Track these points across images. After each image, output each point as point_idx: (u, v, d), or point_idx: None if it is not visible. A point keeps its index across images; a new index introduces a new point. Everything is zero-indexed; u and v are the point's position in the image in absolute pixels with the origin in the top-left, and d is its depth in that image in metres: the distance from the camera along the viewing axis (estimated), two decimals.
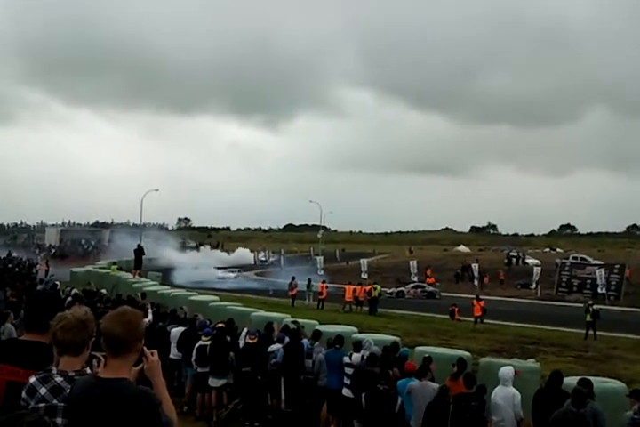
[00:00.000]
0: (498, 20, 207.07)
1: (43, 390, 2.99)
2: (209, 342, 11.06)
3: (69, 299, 14.62)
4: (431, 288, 43.93)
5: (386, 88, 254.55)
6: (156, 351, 3.15)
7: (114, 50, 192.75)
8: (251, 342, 10.95)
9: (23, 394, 3.02)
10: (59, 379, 3.03)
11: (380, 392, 7.79)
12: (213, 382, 10.89)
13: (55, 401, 2.97)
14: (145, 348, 3.06)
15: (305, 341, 11.40)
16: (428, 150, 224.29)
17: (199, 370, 11.09)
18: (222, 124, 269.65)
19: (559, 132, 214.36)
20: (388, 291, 41.18)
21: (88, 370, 3.13)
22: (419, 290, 43.08)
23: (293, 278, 34.72)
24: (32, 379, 3.04)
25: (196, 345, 11.12)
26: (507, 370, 8.67)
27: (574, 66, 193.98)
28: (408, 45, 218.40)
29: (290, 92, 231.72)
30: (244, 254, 76.17)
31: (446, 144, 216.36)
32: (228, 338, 11.43)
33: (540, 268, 48.79)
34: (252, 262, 71.71)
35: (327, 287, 33.15)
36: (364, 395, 7.95)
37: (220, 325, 12.00)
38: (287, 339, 11.36)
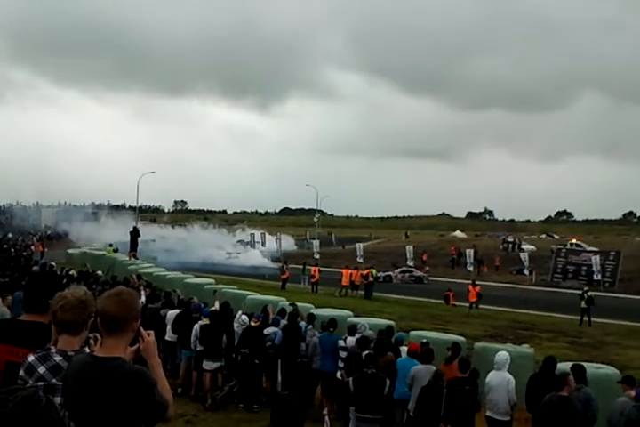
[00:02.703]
0: (490, 4, 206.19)
1: (42, 369, 2.98)
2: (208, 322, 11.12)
3: (64, 280, 14.60)
4: (419, 273, 43.82)
5: (377, 72, 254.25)
6: (152, 332, 3.15)
7: (102, 29, 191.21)
8: (254, 325, 11.00)
9: (21, 372, 3.01)
10: (58, 358, 3.02)
11: (367, 376, 7.77)
12: (207, 364, 10.93)
13: (54, 380, 2.96)
14: (141, 328, 3.05)
15: (302, 323, 11.44)
16: (423, 135, 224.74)
17: (198, 349, 11.14)
18: (214, 106, 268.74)
19: (553, 118, 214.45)
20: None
21: (87, 350, 3.13)
22: (406, 274, 42.85)
23: (285, 262, 34.90)
24: (30, 358, 3.03)
25: (197, 326, 11.16)
26: (502, 355, 8.71)
27: (566, 51, 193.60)
28: (399, 30, 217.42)
29: (281, 75, 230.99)
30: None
31: (440, 129, 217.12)
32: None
33: (527, 253, 48.73)
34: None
35: (320, 271, 33.24)
36: (351, 379, 7.91)
37: (214, 308, 12.02)
38: (283, 322, 11.40)
